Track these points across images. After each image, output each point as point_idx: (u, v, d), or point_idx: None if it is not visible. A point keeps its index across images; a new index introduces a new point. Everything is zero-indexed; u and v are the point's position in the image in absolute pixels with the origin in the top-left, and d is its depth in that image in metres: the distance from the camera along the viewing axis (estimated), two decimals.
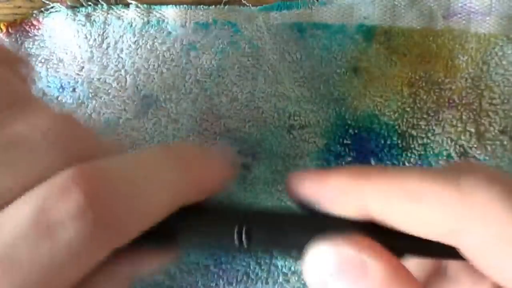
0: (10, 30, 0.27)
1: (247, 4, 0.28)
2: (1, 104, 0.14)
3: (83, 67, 0.28)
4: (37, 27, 0.28)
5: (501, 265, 0.13)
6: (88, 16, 0.28)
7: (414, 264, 0.17)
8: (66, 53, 0.28)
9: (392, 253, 0.14)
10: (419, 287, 0.14)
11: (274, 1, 0.28)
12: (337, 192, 0.15)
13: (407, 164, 0.26)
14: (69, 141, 0.14)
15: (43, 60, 0.27)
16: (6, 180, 0.13)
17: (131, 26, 0.28)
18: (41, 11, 0.28)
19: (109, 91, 0.27)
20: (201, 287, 0.26)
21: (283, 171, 0.26)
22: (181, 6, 0.28)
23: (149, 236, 0.14)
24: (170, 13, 0.28)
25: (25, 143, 0.13)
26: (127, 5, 0.28)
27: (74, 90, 0.27)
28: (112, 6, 0.28)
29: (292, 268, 0.26)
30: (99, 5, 0.28)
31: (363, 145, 0.27)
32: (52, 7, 0.28)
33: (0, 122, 0.13)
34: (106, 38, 0.28)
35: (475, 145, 0.26)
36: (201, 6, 0.28)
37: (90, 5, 0.28)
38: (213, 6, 0.28)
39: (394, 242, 0.14)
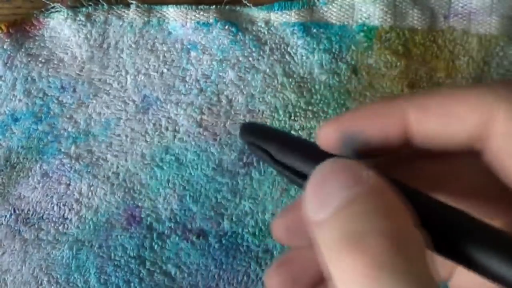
0: (10, 30, 0.27)
1: (248, 4, 0.28)
2: None
3: (83, 67, 0.27)
4: (37, 27, 0.28)
5: None
6: (88, 16, 0.28)
7: None
8: (67, 53, 0.28)
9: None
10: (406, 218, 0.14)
11: (275, 1, 0.28)
12: (380, 112, 0.16)
13: None
14: None
15: (43, 60, 0.27)
16: None
17: (132, 26, 0.28)
18: (42, 11, 0.28)
19: (110, 91, 0.27)
20: (201, 287, 0.26)
21: None
22: (182, 6, 0.28)
23: None
24: (170, 13, 0.28)
25: None
26: (127, 5, 0.28)
27: (74, 90, 0.27)
28: (113, 6, 0.28)
29: None
30: (99, 5, 0.28)
31: None
32: (52, 7, 0.28)
33: None
34: (107, 38, 0.28)
35: None
36: (202, 6, 0.27)
37: (90, 5, 0.28)
38: (214, 6, 0.28)
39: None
